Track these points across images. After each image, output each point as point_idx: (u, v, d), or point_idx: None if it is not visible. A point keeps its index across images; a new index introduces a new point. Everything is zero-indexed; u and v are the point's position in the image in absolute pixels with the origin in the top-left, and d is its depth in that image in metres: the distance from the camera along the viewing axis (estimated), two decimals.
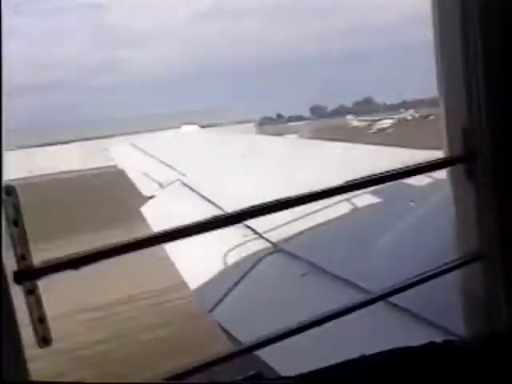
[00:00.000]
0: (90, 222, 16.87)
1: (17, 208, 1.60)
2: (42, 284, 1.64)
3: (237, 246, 5.77)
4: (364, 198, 5.27)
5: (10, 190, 1.60)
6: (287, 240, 5.54)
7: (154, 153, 9.99)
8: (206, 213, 6.57)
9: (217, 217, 1.90)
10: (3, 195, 1.58)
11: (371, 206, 5.26)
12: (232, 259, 5.63)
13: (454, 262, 2.49)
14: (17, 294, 1.58)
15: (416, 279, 2.40)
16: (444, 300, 2.91)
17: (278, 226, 5.64)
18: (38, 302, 1.63)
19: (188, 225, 1.81)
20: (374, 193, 5.25)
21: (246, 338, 3.37)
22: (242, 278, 5.31)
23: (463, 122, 2.51)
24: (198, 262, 5.86)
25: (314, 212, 5.30)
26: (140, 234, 1.84)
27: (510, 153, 2.44)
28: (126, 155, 10.98)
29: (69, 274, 1.67)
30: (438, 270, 2.44)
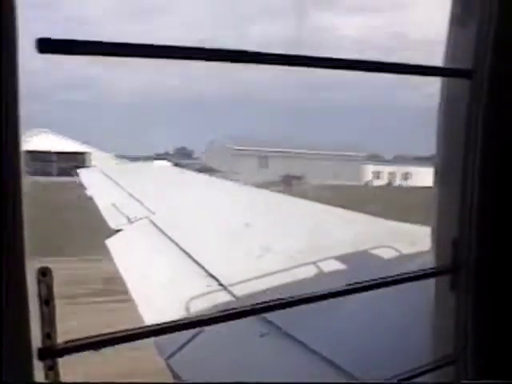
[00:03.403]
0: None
1: (50, 288, 1.69)
2: None
3: (200, 295, 5.80)
4: (331, 264, 5.39)
5: (46, 272, 1.69)
6: (251, 296, 5.60)
7: (124, 184, 10.02)
8: (172, 258, 6.65)
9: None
10: (39, 276, 1.67)
11: (338, 272, 5.38)
12: (194, 308, 5.67)
13: (427, 366, 2.62)
14: None
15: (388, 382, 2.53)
16: None
17: (244, 280, 5.70)
18: (57, 378, 1.70)
19: (202, 316, 1.91)
20: (341, 260, 5.39)
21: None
22: (201, 330, 5.35)
23: (454, 232, 2.66)
24: (160, 306, 5.88)
25: (280, 271, 5.40)
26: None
27: (495, 267, 2.60)
28: (96, 183, 10.98)
29: None
30: (412, 373, 2.56)
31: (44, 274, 1.69)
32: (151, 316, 5.53)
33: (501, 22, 2.45)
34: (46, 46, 1.63)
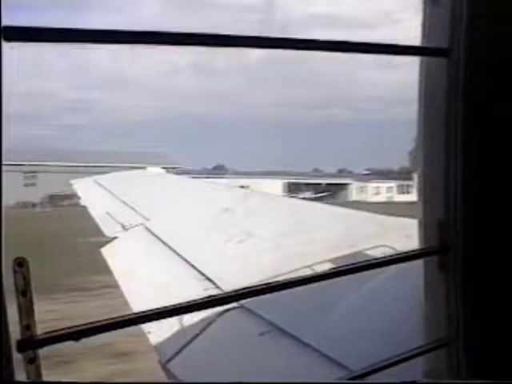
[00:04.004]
0: None
1: (26, 279, 1.66)
2: None
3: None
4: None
5: (22, 262, 1.66)
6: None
7: (118, 192, 9.96)
8: (169, 263, 6.63)
9: (211, 296, 1.98)
10: (15, 267, 1.65)
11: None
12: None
13: (421, 348, 2.60)
14: None
15: (384, 364, 2.51)
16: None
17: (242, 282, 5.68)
18: (38, 372, 1.68)
19: (181, 304, 1.89)
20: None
21: None
22: (200, 331, 5.32)
23: (439, 214, 2.66)
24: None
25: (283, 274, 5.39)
26: None
27: (481, 248, 2.59)
28: (90, 192, 10.92)
29: None
30: (405, 355, 2.55)
31: (20, 264, 1.66)
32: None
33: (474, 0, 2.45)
34: (12, 33, 1.62)
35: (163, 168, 13.60)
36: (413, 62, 2.70)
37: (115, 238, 8.08)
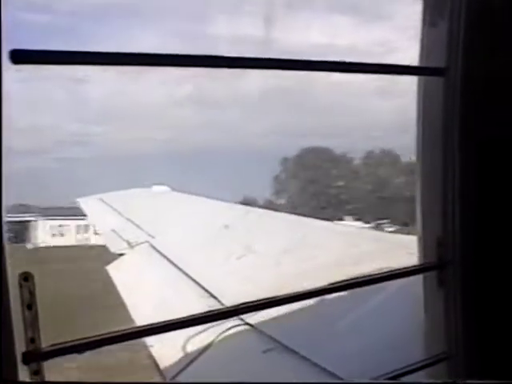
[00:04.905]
0: None
1: (32, 293, 1.71)
2: None
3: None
4: None
5: (28, 277, 1.71)
6: (254, 314, 5.60)
7: (123, 210, 10.04)
8: (173, 280, 6.67)
9: (211, 311, 2.02)
10: (21, 281, 1.70)
11: None
12: (197, 327, 5.65)
13: (421, 362, 2.63)
14: None
15: (386, 377, 2.54)
16: None
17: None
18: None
19: (185, 317, 1.93)
20: None
21: None
22: (205, 348, 5.34)
23: (438, 230, 2.69)
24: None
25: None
26: None
27: (479, 264, 2.62)
28: (95, 210, 11.00)
29: None
30: (406, 369, 2.57)
31: (26, 279, 1.71)
32: None
33: (471, 21, 2.50)
34: (20, 57, 1.67)
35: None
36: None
37: (121, 254, 8.13)
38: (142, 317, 5.85)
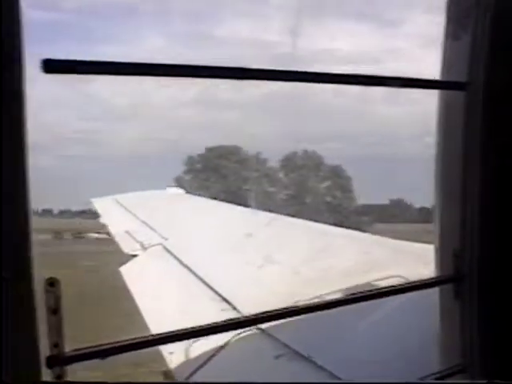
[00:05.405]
0: None
1: (58, 299, 1.74)
2: None
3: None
4: None
5: (54, 282, 1.74)
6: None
7: (137, 212, 10.08)
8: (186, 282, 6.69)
9: (229, 320, 2.05)
10: (47, 286, 1.73)
11: None
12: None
13: (437, 374, 2.64)
14: None
15: None
16: None
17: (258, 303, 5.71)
18: None
19: (202, 326, 1.96)
20: None
21: None
22: (216, 352, 5.36)
23: (455, 242, 2.70)
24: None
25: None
26: None
27: (496, 277, 2.63)
28: (109, 211, 11.05)
29: None
30: (421, 381, 2.59)
31: (52, 284, 1.75)
32: None
33: (494, 35, 2.51)
34: (52, 66, 1.71)
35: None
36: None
37: (135, 255, 8.17)
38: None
